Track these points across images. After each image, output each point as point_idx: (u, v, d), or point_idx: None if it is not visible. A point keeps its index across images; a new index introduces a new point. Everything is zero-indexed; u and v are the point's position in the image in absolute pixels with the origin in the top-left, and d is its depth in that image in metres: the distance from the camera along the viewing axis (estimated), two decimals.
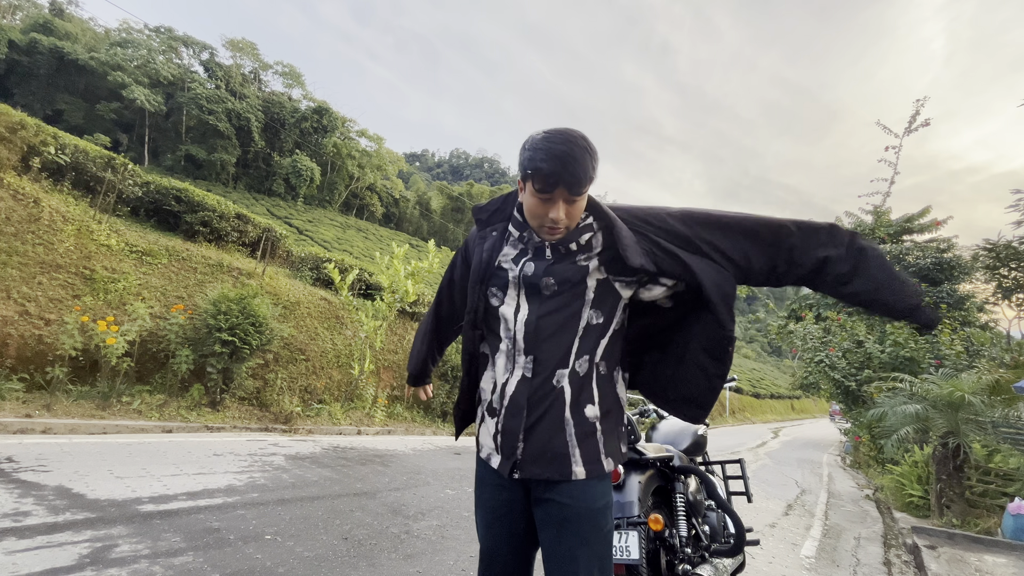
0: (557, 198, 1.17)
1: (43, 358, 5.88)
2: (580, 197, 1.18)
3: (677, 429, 2.74)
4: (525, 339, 1.26)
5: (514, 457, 1.26)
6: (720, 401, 31.76)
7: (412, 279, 9.56)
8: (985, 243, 13.41)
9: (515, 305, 1.29)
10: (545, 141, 1.15)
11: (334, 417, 8.23)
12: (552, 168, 1.13)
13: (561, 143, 1.14)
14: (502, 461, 1.28)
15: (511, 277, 1.29)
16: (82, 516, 2.97)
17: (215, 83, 45.30)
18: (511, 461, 1.26)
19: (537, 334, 1.25)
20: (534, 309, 1.26)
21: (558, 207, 1.17)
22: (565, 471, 1.23)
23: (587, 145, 1.16)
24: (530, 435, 1.25)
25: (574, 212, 1.20)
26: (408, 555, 3.12)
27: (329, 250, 24.80)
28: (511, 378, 1.28)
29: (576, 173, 1.13)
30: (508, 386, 1.28)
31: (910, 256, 15.31)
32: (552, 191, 1.16)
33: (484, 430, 1.36)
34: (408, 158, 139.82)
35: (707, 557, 2.35)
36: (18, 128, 7.54)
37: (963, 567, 4.36)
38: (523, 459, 1.25)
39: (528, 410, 1.25)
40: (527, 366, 1.26)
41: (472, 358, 1.40)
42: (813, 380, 14.04)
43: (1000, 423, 6.60)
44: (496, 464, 1.30)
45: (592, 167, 1.16)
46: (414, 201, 61.74)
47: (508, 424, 1.27)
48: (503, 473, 1.28)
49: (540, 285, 1.26)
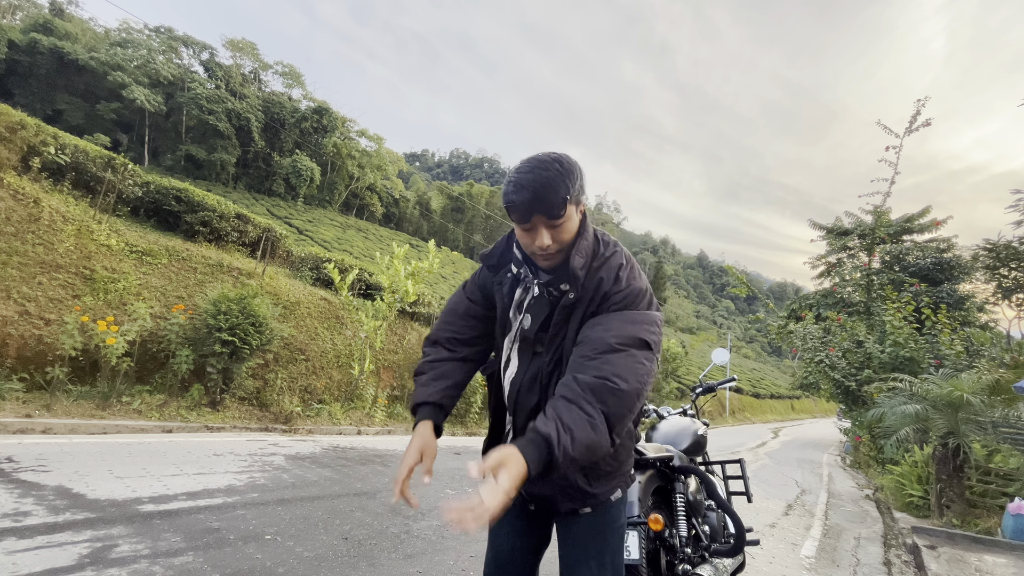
0: (537, 225, 1.14)
1: (43, 358, 5.88)
2: (561, 219, 1.14)
3: (677, 429, 2.73)
4: (509, 398, 1.30)
5: (521, 495, 1.34)
6: (720, 401, 31.76)
7: (412, 279, 9.56)
8: (985, 243, 13.43)
9: (506, 359, 1.31)
10: (515, 173, 1.14)
11: (334, 417, 8.23)
12: (522, 198, 1.11)
13: (528, 171, 1.12)
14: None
15: (513, 324, 1.30)
16: (82, 516, 2.97)
17: (215, 83, 45.30)
18: (520, 497, 1.34)
19: (519, 392, 1.27)
20: (523, 367, 1.28)
21: (541, 234, 1.14)
22: (579, 498, 1.28)
23: (559, 167, 1.12)
24: (532, 489, 1.32)
25: (560, 235, 1.16)
26: (408, 555, 3.12)
27: (329, 250, 24.80)
28: (508, 431, 1.35)
29: (547, 198, 1.10)
30: (508, 436, 1.36)
31: (910, 256, 15.32)
32: (529, 219, 1.13)
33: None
34: (408, 158, 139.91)
35: (707, 557, 2.35)
36: (18, 128, 7.55)
37: (963, 567, 4.36)
38: (531, 497, 1.35)
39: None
40: (511, 423, 1.32)
41: (495, 396, 1.41)
42: (813, 380, 14.03)
43: (1000, 423, 6.60)
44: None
45: (567, 186, 1.11)
46: (414, 201, 61.75)
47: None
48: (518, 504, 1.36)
49: (532, 341, 1.26)
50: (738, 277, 16.91)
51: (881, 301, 12.78)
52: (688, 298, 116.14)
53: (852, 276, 15.32)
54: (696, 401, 3.21)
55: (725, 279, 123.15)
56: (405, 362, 11.10)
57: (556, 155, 1.15)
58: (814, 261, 17.83)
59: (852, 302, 14.60)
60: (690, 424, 2.78)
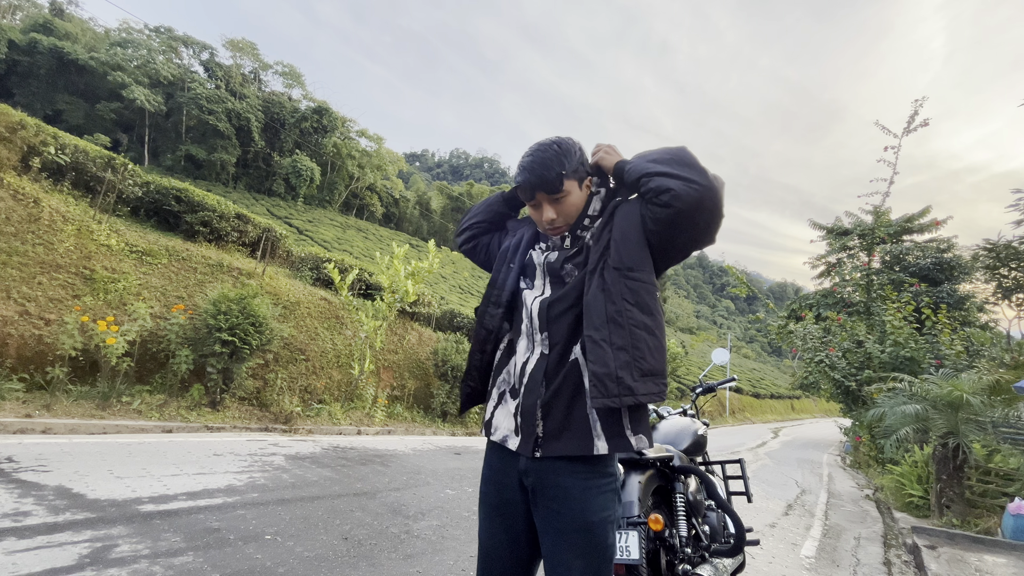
0: (541, 201, 1.29)
1: (43, 358, 5.88)
2: (561, 193, 1.27)
3: (677, 429, 2.73)
4: (539, 317, 1.31)
5: (534, 435, 1.25)
6: (720, 401, 31.74)
7: (412, 279, 9.56)
8: (985, 243, 13.42)
9: (540, 290, 1.37)
10: (522, 158, 1.30)
11: (334, 417, 8.23)
12: (525, 178, 1.27)
13: (530, 155, 1.28)
14: (522, 441, 1.27)
15: (537, 263, 1.39)
16: (82, 516, 2.97)
17: (215, 83, 45.28)
18: (532, 439, 1.26)
19: (549, 312, 1.30)
20: (552, 293, 1.34)
21: (545, 209, 1.29)
22: (587, 445, 1.22)
23: (557, 148, 1.27)
24: (549, 410, 1.25)
25: (564, 209, 1.30)
26: (408, 555, 3.12)
27: (329, 250, 24.80)
28: (531, 356, 1.31)
29: (544, 175, 1.25)
30: (528, 364, 1.31)
31: (910, 256, 15.32)
32: (534, 197, 1.29)
33: (503, 411, 1.36)
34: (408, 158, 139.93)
35: (707, 557, 2.35)
36: (18, 128, 7.54)
37: (963, 567, 4.36)
38: (544, 436, 1.25)
39: (546, 385, 1.27)
40: (544, 342, 1.30)
41: (490, 335, 1.42)
42: (813, 380, 14.03)
43: (1000, 423, 6.60)
44: (515, 445, 1.29)
45: (563, 164, 1.25)
46: (414, 201, 61.72)
47: (527, 401, 1.28)
48: (524, 453, 1.27)
49: (561, 272, 1.35)
50: (738, 277, 16.90)
51: (881, 301, 12.78)
52: (688, 298, 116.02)
53: (852, 276, 15.32)
54: (696, 401, 3.21)
55: (725, 279, 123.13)
56: (405, 362, 11.10)
57: (556, 138, 1.31)
58: (814, 261, 17.84)
59: (852, 302, 14.60)
60: (690, 424, 2.79)
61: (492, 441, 1.39)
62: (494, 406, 1.39)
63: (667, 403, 14.53)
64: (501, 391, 1.38)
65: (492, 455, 1.39)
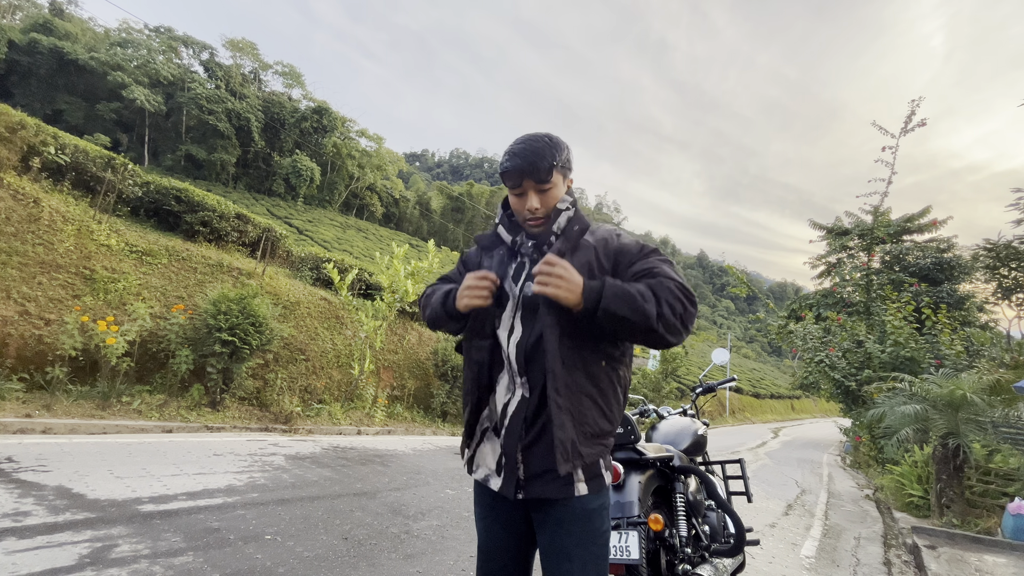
0: (527, 189, 1.28)
1: (43, 358, 5.88)
2: (549, 184, 1.28)
3: (677, 429, 2.73)
4: (516, 362, 1.27)
5: (515, 477, 1.26)
6: (720, 401, 31.74)
7: (412, 279, 9.56)
8: (985, 243, 13.42)
9: (509, 327, 1.30)
10: (510, 146, 1.30)
11: (334, 417, 8.23)
12: (514, 164, 1.26)
13: (520, 143, 1.28)
14: (504, 482, 1.28)
15: (512, 294, 1.31)
16: (82, 516, 2.97)
17: (215, 83, 45.30)
18: (513, 481, 1.26)
19: (527, 355, 1.26)
20: (527, 330, 1.27)
21: (530, 197, 1.29)
22: (568, 489, 1.23)
23: (547, 140, 1.28)
24: (528, 455, 1.25)
25: (547, 199, 1.30)
26: (408, 555, 3.12)
27: (329, 250, 24.79)
28: (512, 398, 1.29)
29: (536, 163, 1.25)
30: (509, 407, 1.29)
31: (910, 256, 15.33)
32: (520, 184, 1.28)
33: (487, 450, 1.34)
34: (408, 158, 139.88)
35: (707, 557, 2.35)
36: (18, 128, 7.54)
37: (963, 567, 4.36)
38: (526, 479, 1.26)
39: (526, 429, 1.26)
40: (524, 385, 1.27)
41: (482, 367, 1.33)
42: (813, 380, 14.03)
43: (1000, 423, 6.60)
44: (496, 486, 1.29)
45: (553, 155, 1.26)
46: (414, 201, 61.74)
47: (508, 443, 1.27)
48: (507, 495, 1.27)
49: (535, 305, 1.27)
50: (738, 277, 16.92)
51: (881, 301, 12.78)
52: None
53: (852, 276, 15.32)
54: (696, 401, 3.21)
55: (725, 279, 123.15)
56: (405, 362, 11.10)
57: (545, 133, 1.32)
58: (814, 261, 17.85)
59: (852, 302, 14.59)
60: (690, 424, 2.79)
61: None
62: (476, 443, 1.37)
63: (667, 403, 14.61)
64: (484, 428, 1.36)
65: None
